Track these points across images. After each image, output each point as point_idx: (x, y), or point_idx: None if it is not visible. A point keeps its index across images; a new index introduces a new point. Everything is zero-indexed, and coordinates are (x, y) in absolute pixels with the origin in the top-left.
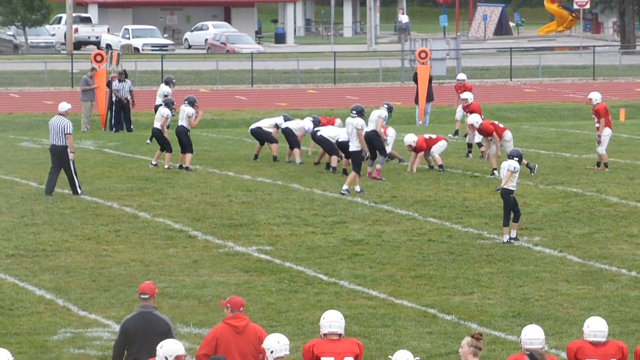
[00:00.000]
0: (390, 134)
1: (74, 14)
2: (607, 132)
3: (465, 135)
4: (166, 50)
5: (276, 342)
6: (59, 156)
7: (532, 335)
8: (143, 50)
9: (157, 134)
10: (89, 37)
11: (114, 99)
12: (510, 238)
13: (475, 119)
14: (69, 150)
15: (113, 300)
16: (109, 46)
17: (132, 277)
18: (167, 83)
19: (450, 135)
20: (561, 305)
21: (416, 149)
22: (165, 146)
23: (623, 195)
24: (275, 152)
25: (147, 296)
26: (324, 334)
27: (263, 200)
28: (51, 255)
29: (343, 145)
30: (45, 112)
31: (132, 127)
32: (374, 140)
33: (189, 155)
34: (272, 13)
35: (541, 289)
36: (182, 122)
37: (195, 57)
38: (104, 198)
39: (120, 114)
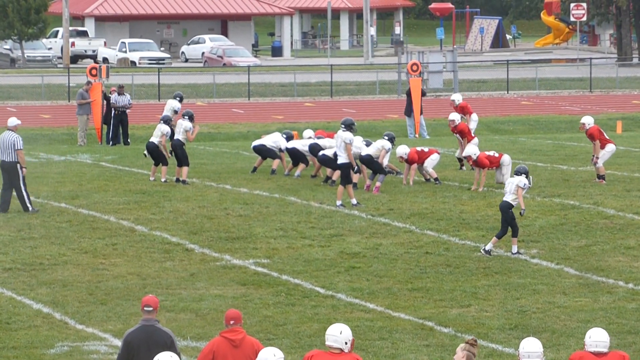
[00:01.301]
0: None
1: (70, 28)
2: (610, 149)
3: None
4: (163, 63)
5: (272, 356)
6: (9, 172)
7: (530, 348)
8: (140, 63)
9: (153, 149)
10: (85, 51)
11: (112, 112)
12: (512, 253)
13: (472, 150)
14: (19, 166)
15: (110, 313)
16: (105, 60)
17: (129, 290)
18: (179, 99)
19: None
20: (558, 318)
21: (408, 161)
22: (160, 160)
23: (620, 207)
24: (276, 166)
25: (150, 308)
26: (329, 347)
27: (260, 213)
28: (48, 269)
29: (325, 159)
30: (42, 126)
31: (129, 140)
32: (371, 163)
33: (185, 169)
34: (269, 26)
35: (538, 302)
36: (179, 135)
37: (192, 71)
38: (100, 211)
39: (118, 128)
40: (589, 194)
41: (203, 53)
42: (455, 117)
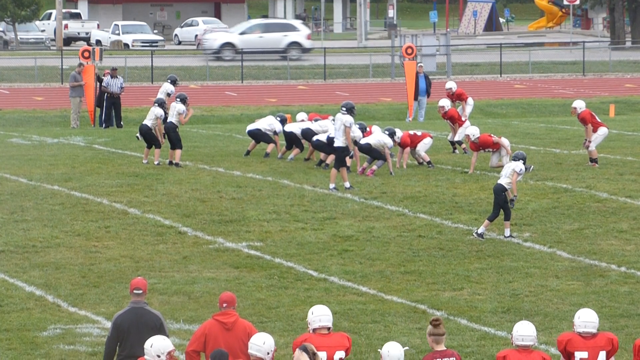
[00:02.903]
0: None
1: (63, 10)
2: (602, 132)
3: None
4: (156, 46)
5: (262, 343)
6: None
7: (524, 331)
8: (133, 46)
9: (146, 132)
10: (78, 33)
11: (105, 95)
12: (505, 236)
13: (472, 131)
14: None
15: (103, 296)
16: (98, 42)
17: (122, 273)
18: (173, 82)
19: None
20: (551, 301)
21: (401, 145)
22: (153, 142)
23: (612, 191)
24: (270, 149)
25: (140, 291)
26: (314, 329)
27: (253, 196)
28: (41, 251)
29: (320, 144)
30: (35, 108)
31: (122, 123)
32: (370, 151)
33: (178, 151)
34: (262, 9)
35: (531, 285)
36: (172, 118)
37: (185, 53)
38: (93, 194)
39: (111, 110)
40: (582, 178)
41: (196, 35)
42: (445, 103)
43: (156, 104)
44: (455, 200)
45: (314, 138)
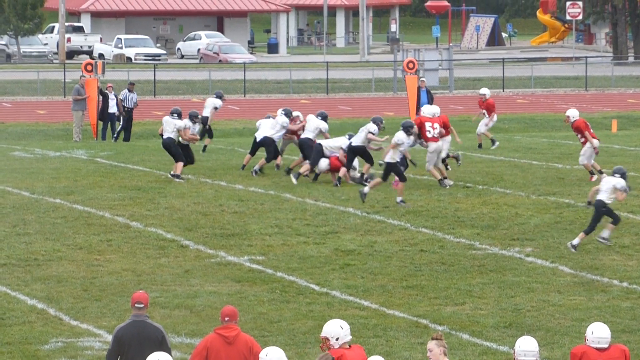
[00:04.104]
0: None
1: (66, 24)
2: (595, 144)
3: (479, 146)
4: (159, 60)
5: (264, 355)
6: None
7: (526, 347)
8: (136, 59)
9: (168, 145)
10: (81, 47)
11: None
12: (601, 237)
13: (573, 113)
14: None
15: (105, 310)
16: (101, 56)
17: (123, 286)
18: (219, 97)
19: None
20: (553, 316)
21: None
22: (174, 156)
23: (615, 206)
24: (280, 161)
25: (142, 305)
26: (342, 344)
27: (255, 210)
28: (43, 264)
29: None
30: (37, 121)
31: (129, 137)
32: (364, 152)
33: (180, 164)
34: (264, 23)
35: (533, 300)
36: (170, 134)
37: (187, 67)
38: (95, 207)
39: (129, 124)
40: (584, 193)
41: (199, 49)
42: (485, 91)
43: (188, 117)
44: (457, 215)
45: (304, 136)
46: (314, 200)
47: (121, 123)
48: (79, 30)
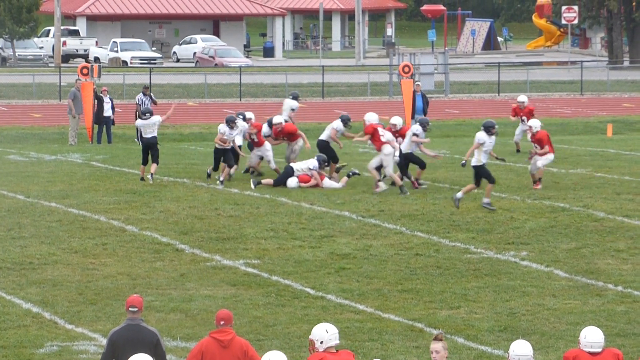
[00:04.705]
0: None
1: (62, 27)
2: (551, 157)
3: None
4: (154, 63)
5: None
6: None
7: (521, 351)
8: (131, 63)
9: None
10: (77, 50)
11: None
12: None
13: (534, 123)
14: None
15: (100, 313)
16: (97, 59)
17: (119, 290)
18: (295, 98)
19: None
20: (548, 320)
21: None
22: (226, 161)
23: (610, 210)
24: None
25: (136, 309)
26: (326, 348)
27: (251, 213)
28: (38, 268)
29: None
30: (32, 124)
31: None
32: (327, 149)
33: (154, 165)
34: (260, 27)
35: (528, 304)
36: (154, 133)
37: (183, 71)
38: (91, 211)
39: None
40: (579, 197)
41: (195, 53)
42: (523, 99)
43: (225, 121)
44: (452, 219)
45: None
46: (310, 204)
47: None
48: (75, 33)
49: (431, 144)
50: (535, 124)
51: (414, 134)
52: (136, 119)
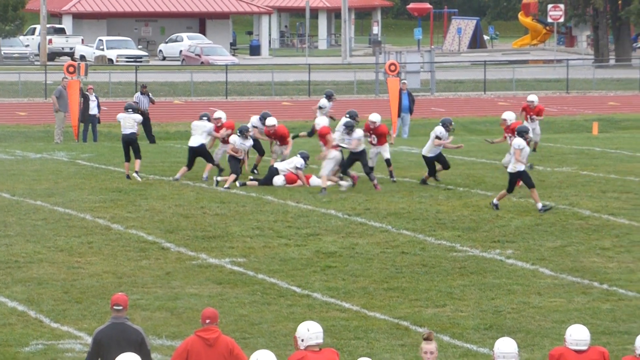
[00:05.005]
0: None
1: (48, 25)
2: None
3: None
4: (140, 61)
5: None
6: None
7: (505, 349)
8: (117, 61)
9: (201, 151)
10: (63, 48)
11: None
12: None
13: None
14: None
15: (85, 312)
16: (83, 57)
17: (104, 289)
18: (328, 97)
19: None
20: (533, 318)
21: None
22: (206, 158)
23: (595, 208)
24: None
25: (120, 307)
26: (307, 346)
27: (237, 212)
28: (23, 266)
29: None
30: (18, 123)
31: (153, 136)
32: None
33: (137, 161)
34: (247, 25)
35: (513, 302)
36: (133, 129)
37: (169, 69)
38: (76, 210)
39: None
40: (565, 195)
41: (181, 51)
42: (534, 97)
43: (204, 118)
44: (438, 217)
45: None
46: (296, 203)
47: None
48: (61, 31)
49: (416, 142)
50: (509, 116)
51: (437, 137)
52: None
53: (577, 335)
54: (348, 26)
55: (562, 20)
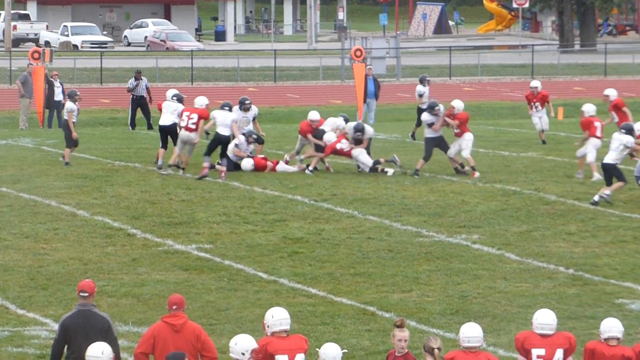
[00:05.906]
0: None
1: (12, 11)
2: (468, 137)
3: (543, 142)
4: (105, 47)
5: (100, 353)
6: None
7: (470, 333)
8: (82, 47)
9: (171, 129)
10: (27, 34)
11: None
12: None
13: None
14: None
15: (51, 298)
16: (47, 43)
17: (70, 275)
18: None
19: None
20: (499, 303)
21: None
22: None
23: (561, 193)
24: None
25: (86, 294)
26: (273, 332)
27: (203, 198)
28: None
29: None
30: None
31: (151, 124)
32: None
33: (67, 150)
34: (212, 11)
35: (479, 287)
36: (65, 116)
37: (134, 55)
38: (42, 196)
39: (136, 113)
40: (530, 180)
41: (146, 37)
42: (537, 83)
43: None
44: (404, 203)
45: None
46: (262, 189)
47: (130, 111)
48: (25, 17)
49: (382, 128)
50: (458, 105)
51: (428, 125)
52: (131, 104)
53: (544, 319)
54: (313, 12)
55: (527, 5)
